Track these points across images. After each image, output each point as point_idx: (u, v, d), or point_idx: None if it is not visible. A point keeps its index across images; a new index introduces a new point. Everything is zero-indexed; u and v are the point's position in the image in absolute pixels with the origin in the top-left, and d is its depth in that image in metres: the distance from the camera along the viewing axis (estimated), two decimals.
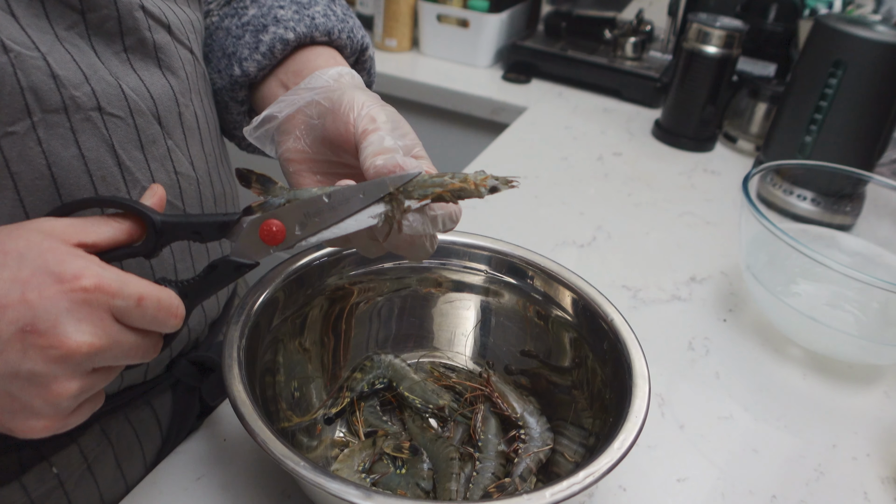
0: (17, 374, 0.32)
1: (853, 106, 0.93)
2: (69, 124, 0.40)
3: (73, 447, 0.48)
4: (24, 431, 0.34)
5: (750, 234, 0.73)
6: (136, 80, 0.44)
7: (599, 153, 1.11)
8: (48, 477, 0.47)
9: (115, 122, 0.42)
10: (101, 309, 0.33)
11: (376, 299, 0.60)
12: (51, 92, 0.38)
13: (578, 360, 0.56)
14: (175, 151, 0.47)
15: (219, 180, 0.54)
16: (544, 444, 0.54)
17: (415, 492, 0.51)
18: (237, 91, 0.53)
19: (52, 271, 0.33)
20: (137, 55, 0.44)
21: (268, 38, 0.50)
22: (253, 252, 0.40)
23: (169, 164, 0.47)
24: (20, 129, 0.38)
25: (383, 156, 0.40)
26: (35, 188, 0.39)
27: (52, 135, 0.39)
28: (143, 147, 0.44)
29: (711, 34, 1.09)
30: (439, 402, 0.56)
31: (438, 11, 1.38)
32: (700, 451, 0.59)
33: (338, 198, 0.39)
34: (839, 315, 0.72)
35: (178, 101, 0.47)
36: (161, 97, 0.45)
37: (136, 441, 0.53)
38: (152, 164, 0.45)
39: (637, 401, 0.46)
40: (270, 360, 0.52)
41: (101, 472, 0.50)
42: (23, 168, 0.38)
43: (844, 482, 0.58)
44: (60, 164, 0.40)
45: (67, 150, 0.40)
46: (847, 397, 0.68)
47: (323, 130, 0.46)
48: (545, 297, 0.58)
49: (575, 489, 0.39)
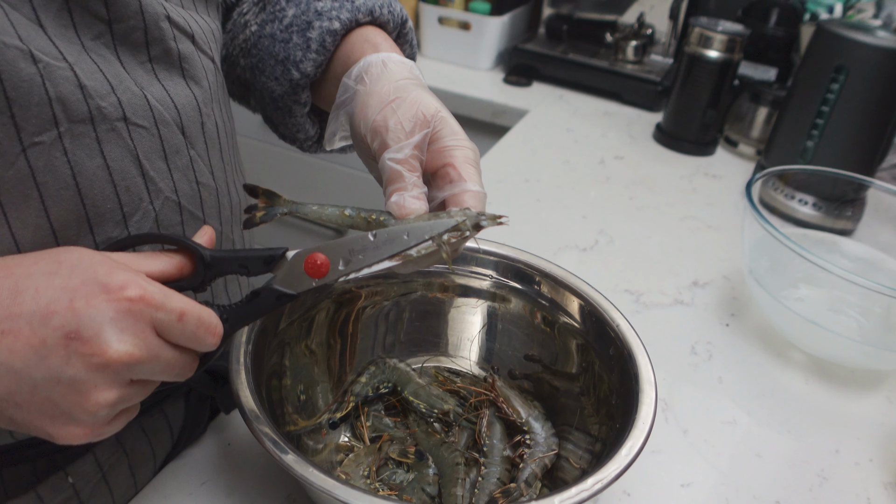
0: (59, 379, 0.33)
1: (854, 111, 0.94)
2: (95, 134, 0.40)
3: (89, 456, 0.48)
4: (63, 437, 0.34)
5: (752, 238, 0.73)
6: (161, 91, 0.44)
7: (601, 157, 1.11)
8: (63, 486, 0.47)
9: (139, 133, 0.42)
10: (143, 320, 0.34)
11: (383, 303, 0.60)
12: (78, 102, 0.38)
13: (585, 366, 0.56)
14: (197, 162, 0.47)
15: (235, 191, 0.54)
16: (549, 449, 0.54)
17: (420, 497, 0.51)
18: (300, 94, 0.52)
19: (100, 282, 0.33)
20: (162, 65, 0.44)
21: (315, 35, 0.50)
22: (296, 283, 0.41)
23: (191, 174, 0.47)
24: (47, 139, 0.38)
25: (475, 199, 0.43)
26: (60, 198, 0.39)
27: (78, 145, 0.39)
28: (167, 157, 0.45)
29: (713, 38, 1.09)
30: (444, 407, 0.56)
31: (440, 14, 1.38)
32: (703, 456, 0.59)
33: (383, 237, 0.40)
34: (841, 320, 0.73)
35: (202, 111, 0.47)
36: (185, 107, 0.45)
37: (149, 448, 0.53)
38: (175, 174, 0.45)
39: (644, 407, 0.46)
40: (277, 364, 0.52)
41: (116, 480, 0.50)
42: (48, 178, 0.38)
43: (847, 487, 0.58)
44: (85, 174, 0.40)
45: (93, 161, 0.40)
46: (849, 402, 0.68)
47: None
48: (552, 303, 0.58)
49: (583, 496, 0.39)
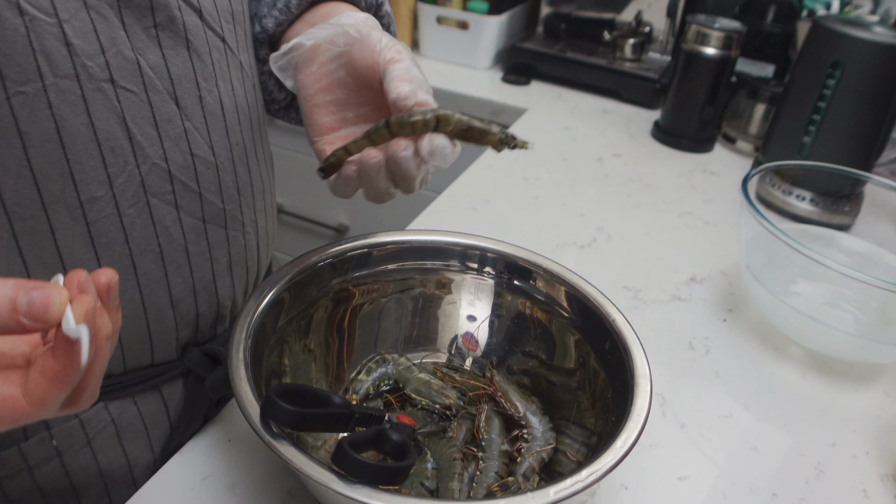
0: None
1: (851, 106, 0.94)
2: (81, 92, 0.41)
3: (74, 421, 0.50)
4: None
5: (749, 234, 0.74)
6: (159, 58, 0.44)
7: (599, 154, 1.11)
8: (47, 447, 0.49)
9: (127, 96, 0.43)
10: None
11: (380, 300, 0.61)
12: (63, 59, 0.39)
13: (581, 361, 0.56)
14: (193, 134, 0.48)
15: (245, 172, 0.54)
16: (547, 443, 0.54)
17: (419, 491, 0.51)
18: (259, 49, 0.56)
19: None
20: (167, 33, 0.45)
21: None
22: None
23: (185, 145, 0.47)
24: (31, 90, 0.39)
25: (410, 84, 0.43)
26: (43, 150, 0.40)
27: (63, 101, 0.40)
28: (157, 124, 0.45)
29: (710, 35, 1.09)
30: (446, 402, 0.56)
31: (438, 13, 1.39)
32: (701, 450, 0.59)
33: None
34: (838, 314, 0.73)
35: (200, 85, 0.48)
36: (180, 78, 0.46)
37: (140, 423, 0.54)
38: (166, 142, 0.46)
39: (639, 400, 0.46)
40: (276, 363, 0.53)
41: (102, 449, 0.52)
42: (32, 129, 0.39)
43: (844, 480, 0.58)
44: (69, 129, 0.41)
45: (77, 118, 0.41)
46: (846, 396, 0.68)
47: (349, 57, 0.48)
48: (548, 298, 0.58)
49: (578, 487, 0.40)
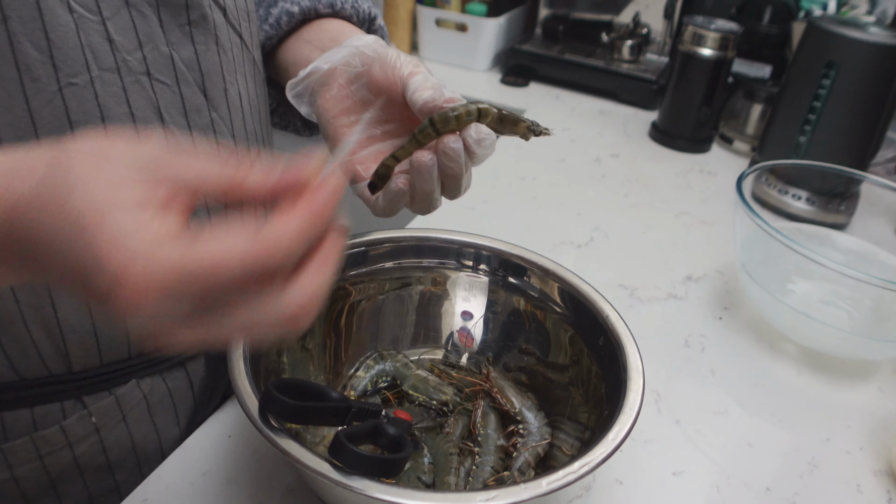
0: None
1: (846, 106, 0.95)
2: (121, 84, 0.44)
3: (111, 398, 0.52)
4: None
5: (745, 233, 0.74)
6: (191, 53, 0.48)
7: (597, 155, 1.12)
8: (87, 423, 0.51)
9: (161, 88, 0.46)
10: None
11: (377, 298, 0.61)
12: (106, 53, 0.43)
13: (575, 357, 0.57)
14: (219, 124, 0.51)
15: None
16: (542, 438, 0.55)
17: (415, 485, 0.52)
18: None
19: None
20: (199, 29, 0.48)
21: (276, 11, 0.57)
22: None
23: (211, 135, 0.51)
24: (80, 81, 0.42)
25: (433, 89, 0.45)
26: None
27: (107, 92, 0.44)
28: (187, 115, 0.48)
29: (707, 36, 1.10)
30: (443, 398, 0.57)
31: (437, 16, 1.40)
32: (696, 446, 0.60)
33: None
34: (833, 312, 0.73)
35: (225, 78, 0.51)
36: (209, 72, 0.49)
37: (169, 398, 0.56)
38: (195, 131, 0.49)
39: (631, 394, 0.47)
40: (275, 361, 0.53)
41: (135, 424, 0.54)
42: (80, 118, 0.43)
43: (838, 475, 0.59)
44: (113, 118, 0.44)
45: (119, 108, 0.45)
46: (841, 392, 0.69)
47: (369, 76, 0.50)
48: (542, 295, 0.59)
49: (570, 478, 0.40)
